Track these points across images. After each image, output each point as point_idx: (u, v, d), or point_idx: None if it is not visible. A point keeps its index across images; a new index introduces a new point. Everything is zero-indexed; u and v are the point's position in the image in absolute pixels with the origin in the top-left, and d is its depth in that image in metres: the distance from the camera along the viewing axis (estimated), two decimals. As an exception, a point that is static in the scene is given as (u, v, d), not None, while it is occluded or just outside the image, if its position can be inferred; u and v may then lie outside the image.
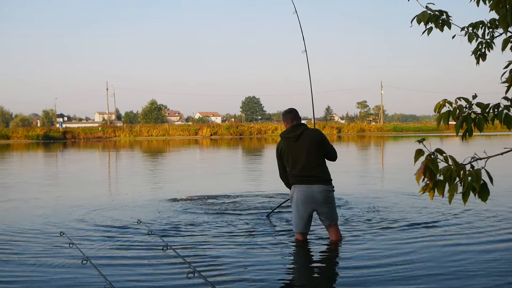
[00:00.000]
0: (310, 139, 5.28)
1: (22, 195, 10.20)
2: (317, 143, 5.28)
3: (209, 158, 24.24)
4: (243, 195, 9.40)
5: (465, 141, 3.10)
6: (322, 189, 5.24)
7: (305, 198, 5.25)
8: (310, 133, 5.34)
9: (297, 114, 5.48)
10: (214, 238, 5.80)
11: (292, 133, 5.33)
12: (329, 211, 5.31)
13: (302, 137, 5.29)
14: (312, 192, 5.23)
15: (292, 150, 5.32)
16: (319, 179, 5.26)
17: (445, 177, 2.49)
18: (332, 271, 4.68)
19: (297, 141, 5.29)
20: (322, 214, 5.33)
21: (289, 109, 5.51)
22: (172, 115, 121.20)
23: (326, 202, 5.26)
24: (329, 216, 5.33)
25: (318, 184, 5.24)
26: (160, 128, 63.01)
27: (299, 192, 5.29)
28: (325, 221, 5.38)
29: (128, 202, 8.79)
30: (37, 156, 28.61)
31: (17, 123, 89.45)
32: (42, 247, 5.50)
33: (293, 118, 5.43)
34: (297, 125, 5.39)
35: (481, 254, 4.97)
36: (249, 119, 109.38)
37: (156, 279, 4.32)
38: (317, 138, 5.31)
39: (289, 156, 5.35)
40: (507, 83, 2.85)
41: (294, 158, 5.31)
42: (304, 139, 5.28)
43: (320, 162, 5.31)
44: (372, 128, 70.64)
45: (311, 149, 5.26)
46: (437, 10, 3.58)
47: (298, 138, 5.29)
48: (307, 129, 5.36)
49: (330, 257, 5.15)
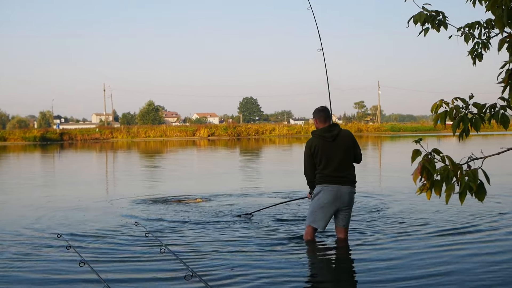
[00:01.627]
0: (347, 140, 5.29)
1: (17, 195, 10.18)
2: (352, 145, 5.30)
3: (209, 159, 24.22)
4: (243, 195, 9.40)
5: (462, 141, 3.10)
6: (350, 191, 5.28)
7: (333, 198, 5.24)
8: (346, 133, 5.35)
9: (329, 113, 5.48)
10: (212, 240, 5.79)
11: (329, 132, 5.27)
12: (349, 213, 5.39)
13: (340, 137, 5.27)
14: (341, 193, 5.24)
15: (328, 150, 5.25)
16: (349, 180, 5.28)
17: (442, 177, 2.50)
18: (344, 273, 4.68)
19: (335, 140, 5.25)
20: (342, 215, 5.36)
21: (322, 107, 5.47)
22: (169, 116, 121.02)
23: (350, 204, 5.33)
24: (347, 217, 5.40)
25: (348, 185, 5.27)
26: (158, 129, 62.94)
27: (328, 192, 5.24)
28: (342, 221, 5.41)
29: (125, 203, 8.78)
30: (33, 157, 28.54)
31: (13, 124, 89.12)
32: (39, 249, 5.49)
33: (326, 117, 5.40)
34: (333, 125, 5.36)
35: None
36: (247, 119, 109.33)
37: (153, 281, 4.31)
38: (352, 139, 5.33)
39: (323, 155, 5.25)
40: (503, 83, 2.86)
41: (329, 157, 5.24)
42: (341, 140, 5.26)
43: (351, 163, 5.34)
44: (370, 128, 70.72)
45: (347, 150, 5.26)
46: (434, 11, 3.59)
47: (336, 138, 5.26)
48: (342, 130, 5.35)
49: (344, 260, 5.15)
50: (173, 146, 39.56)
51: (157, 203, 8.69)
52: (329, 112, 5.47)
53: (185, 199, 9.04)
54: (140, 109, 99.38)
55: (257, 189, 10.60)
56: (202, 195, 9.54)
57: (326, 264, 4.99)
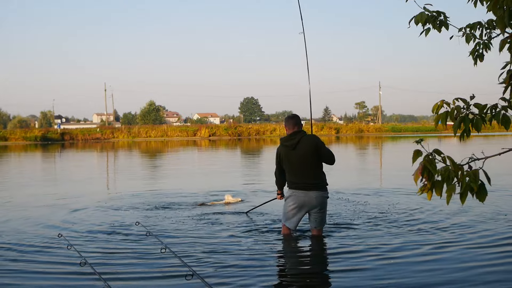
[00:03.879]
0: (306, 147, 5.38)
1: (18, 195, 10.19)
2: (313, 151, 5.37)
3: (210, 159, 24.23)
4: (243, 195, 9.39)
5: (463, 141, 3.10)
6: (318, 195, 5.40)
7: (301, 203, 5.43)
8: (307, 140, 5.42)
9: (298, 120, 5.57)
10: (213, 240, 5.79)
11: (290, 141, 5.44)
12: (321, 216, 5.54)
13: (299, 145, 5.39)
14: (309, 198, 5.40)
15: (290, 158, 5.44)
16: (316, 185, 5.40)
17: (443, 177, 2.49)
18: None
19: (295, 149, 5.40)
20: (313, 217, 5.55)
21: (292, 115, 5.62)
22: (170, 116, 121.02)
23: (321, 208, 5.47)
24: (318, 220, 5.56)
25: (315, 190, 5.39)
26: (159, 129, 62.92)
27: (295, 198, 5.45)
28: (313, 223, 5.60)
29: (126, 203, 8.78)
30: (34, 157, 28.56)
31: (14, 124, 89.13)
32: (40, 249, 5.49)
33: (294, 124, 5.52)
34: (295, 133, 5.48)
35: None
36: (248, 120, 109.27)
37: (154, 281, 4.32)
38: (312, 145, 5.39)
39: (286, 163, 5.49)
40: (505, 84, 2.85)
41: (292, 165, 5.44)
42: (301, 147, 5.38)
43: (316, 169, 5.44)
44: (371, 129, 70.65)
45: (308, 157, 5.36)
46: (435, 11, 3.59)
47: (296, 146, 5.40)
48: (303, 137, 5.44)
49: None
50: (174, 146, 39.57)
51: (158, 203, 8.68)
52: (298, 120, 5.58)
53: (217, 201, 8.71)
54: (141, 109, 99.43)
55: (260, 187, 10.59)
56: (202, 195, 9.54)
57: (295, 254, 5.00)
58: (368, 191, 9.76)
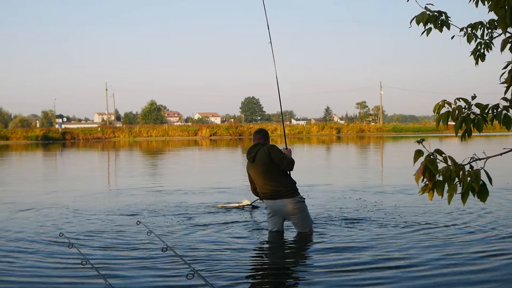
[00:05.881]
0: (262, 157, 5.54)
1: (18, 194, 10.20)
2: (267, 160, 5.51)
3: (210, 159, 24.23)
4: (244, 196, 9.39)
5: (464, 141, 3.09)
6: (286, 203, 5.51)
7: (273, 212, 5.65)
8: (262, 151, 5.59)
9: (263, 135, 5.76)
10: (214, 239, 5.79)
11: (249, 154, 5.71)
12: (298, 221, 5.62)
13: (257, 157, 5.60)
14: (277, 207, 5.57)
15: (251, 171, 5.71)
16: (280, 193, 5.51)
17: (445, 177, 2.49)
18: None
19: (254, 162, 5.63)
20: (294, 224, 5.71)
21: (258, 130, 5.89)
22: (171, 115, 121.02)
23: (293, 214, 5.56)
24: (299, 225, 5.66)
25: (281, 199, 5.51)
26: (160, 129, 62.93)
27: (268, 207, 5.69)
28: (295, 227, 5.76)
29: (127, 202, 8.78)
30: (35, 156, 28.59)
31: (16, 123, 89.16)
32: (41, 248, 5.49)
33: (258, 139, 5.76)
34: (254, 146, 5.70)
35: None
36: (249, 119, 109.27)
37: (155, 280, 4.32)
38: (266, 154, 5.53)
39: (250, 175, 5.79)
40: (506, 84, 2.85)
41: (254, 177, 5.70)
42: (258, 159, 5.59)
43: (279, 177, 5.54)
44: (372, 129, 70.60)
45: (264, 168, 5.53)
46: (436, 11, 3.58)
47: (254, 159, 5.63)
48: (261, 149, 5.60)
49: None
50: (175, 145, 39.59)
51: (159, 203, 8.69)
52: (263, 134, 5.77)
53: (234, 203, 8.40)
54: (142, 109, 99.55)
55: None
56: (203, 194, 9.54)
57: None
58: (372, 190, 9.75)
